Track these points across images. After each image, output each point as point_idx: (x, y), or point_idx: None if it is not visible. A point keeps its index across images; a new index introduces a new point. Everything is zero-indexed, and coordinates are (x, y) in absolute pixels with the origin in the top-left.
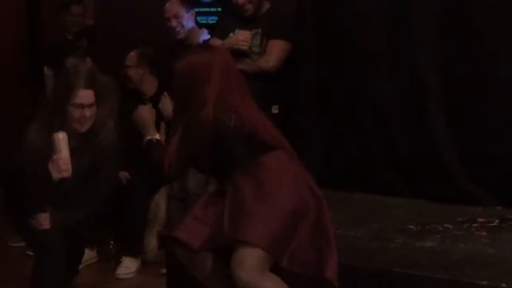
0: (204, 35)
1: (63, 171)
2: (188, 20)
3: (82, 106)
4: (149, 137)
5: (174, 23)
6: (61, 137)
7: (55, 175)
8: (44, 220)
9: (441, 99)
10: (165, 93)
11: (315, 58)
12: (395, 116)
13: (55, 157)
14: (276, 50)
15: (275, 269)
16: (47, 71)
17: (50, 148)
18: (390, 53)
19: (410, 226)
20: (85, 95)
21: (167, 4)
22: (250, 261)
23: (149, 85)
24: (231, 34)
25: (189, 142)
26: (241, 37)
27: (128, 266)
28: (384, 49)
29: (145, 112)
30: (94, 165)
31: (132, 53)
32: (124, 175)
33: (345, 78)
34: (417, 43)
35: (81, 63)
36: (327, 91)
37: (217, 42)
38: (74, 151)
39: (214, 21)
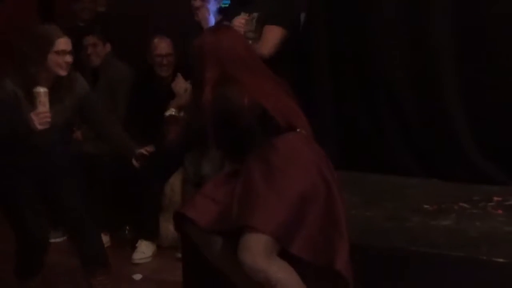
0: None
1: (45, 124)
2: None
3: (64, 53)
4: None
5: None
6: (43, 92)
7: (37, 127)
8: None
9: (455, 79)
10: (179, 74)
11: (326, 38)
12: (409, 98)
13: (38, 110)
14: (271, 36)
15: (286, 256)
16: None
17: (27, 99)
18: (403, 40)
19: (426, 206)
20: (66, 42)
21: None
22: (256, 246)
23: None
24: (236, 18)
25: (192, 120)
26: (236, 22)
27: (144, 251)
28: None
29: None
30: (80, 111)
31: (168, 41)
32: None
33: (359, 61)
34: (432, 27)
35: (100, 45)
36: (341, 74)
37: None
38: (54, 101)
39: (227, 5)
